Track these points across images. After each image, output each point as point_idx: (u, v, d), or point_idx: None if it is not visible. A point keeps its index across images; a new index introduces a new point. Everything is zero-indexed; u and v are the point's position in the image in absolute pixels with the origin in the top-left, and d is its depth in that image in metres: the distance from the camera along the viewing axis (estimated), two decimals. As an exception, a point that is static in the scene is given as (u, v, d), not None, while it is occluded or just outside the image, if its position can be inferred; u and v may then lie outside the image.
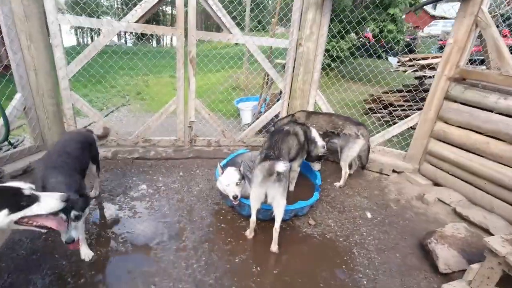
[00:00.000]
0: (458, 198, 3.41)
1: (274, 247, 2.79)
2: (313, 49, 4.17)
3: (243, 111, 5.91)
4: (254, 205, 2.82)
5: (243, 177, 3.13)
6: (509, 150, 2.96)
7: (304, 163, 3.65)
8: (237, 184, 3.03)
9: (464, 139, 3.39)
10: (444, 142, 3.66)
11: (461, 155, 3.42)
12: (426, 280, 2.57)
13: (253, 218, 2.87)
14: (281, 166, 2.38)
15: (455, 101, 3.50)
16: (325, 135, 3.78)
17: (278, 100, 4.64)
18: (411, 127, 4.06)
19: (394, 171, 4.16)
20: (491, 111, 3.14)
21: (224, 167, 3.68)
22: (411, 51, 13.50)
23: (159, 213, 3.20)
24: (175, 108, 4.22)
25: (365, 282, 2.55)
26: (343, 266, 2.72)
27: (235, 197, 2.93)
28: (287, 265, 2.68)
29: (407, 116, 5.82)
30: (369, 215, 3.44)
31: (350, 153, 3.74)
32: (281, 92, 4.61)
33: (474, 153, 3.30)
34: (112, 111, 7.01)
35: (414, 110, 5.37)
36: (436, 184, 3.80)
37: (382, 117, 6.40)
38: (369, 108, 6.98)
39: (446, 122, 3.62)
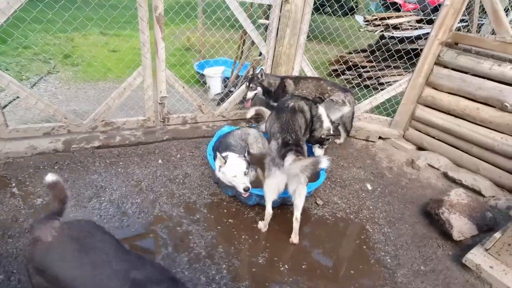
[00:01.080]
0: (445, 162, 3.60)
1: (295, 239, 2.56)
2: (301, 6, 3.65)
3: (211, 78, 5.18)
4: (270, 196, 2.48)
5: (249, 163, 2.72)
6: (500, 116, 3.12)
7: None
8: (245, 174, 2.62)
9: (453, 105, 3.47)
10: (432, 108, 3.72)
11: (450, 121, 3.53)
12: (441, 249, 2.68)
13: (269, 211, 2.55)
14: (326, 163, 2.03)
15: (446, 67, 3.51)
16: (313, 102, 3.52)
17: (260, 66, 4.11)
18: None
19: (380, 137, 4.19)
20: (483, 77, 3.21)
21: (214, 151, 3.20)
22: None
23: (151, 216, 2.64)
24: (141, 82, 3.39)
25: (389, 260, 2.55)
26: (364, 247, 2.66)
27: (246, 190, 2.54)
28: (312, 255, 2.51)
29: (370, 78, 5.92)
30: (369, 187, 3.43)
31: (332, 117, 3.57)
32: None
33: (463, 118, 3.43)
34: (37, 82, 5.51)
35: (377, 71, 5.41)
36: (421, 148, 3.95)
37: (346, 79, 6.36)
38: (333, 70, 6.88)
39: (435, 88, 3.65)
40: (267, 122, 2.97)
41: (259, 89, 3.68)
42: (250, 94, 3.72)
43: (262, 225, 2.65)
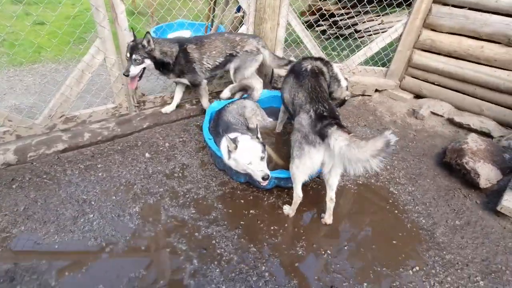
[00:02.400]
0: (448, 108, 3.50)
1: (329, 219, 2.30)
2: None
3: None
4: (302, 178, 2.15)
5: (264, 145, 2.31)
6: (505, 52, 2.99)
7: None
8: (262, 159, 2.22)
9: (455, 45, 3.28)
10: (430, 52, 3.51)
11: (451, 64, 3.37)
12: (468, 199, 2.62)
13: (300, 194, 2.23)
14: (394, 138, 1.66)
15: (446, 4, 3.23)
16: (225, 61, 3.10)
17: (241, 25, 3.48)
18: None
19: (376, 90, 3.96)
20: (487, 12, 3.00)
21: (212, 133, 2.71)
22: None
23: (160, 226, 2.18)
24: (103, 60, 2.65)
25: (423, 221, 2.43)
26: (395, 211, 2.50)
27: (266, 178, 2.16)
28: (349, 233, 2.29)
29: (349, 27, 5.54)
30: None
31: (247, 71, 3.19)
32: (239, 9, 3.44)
33: (465, 60, 3.27)
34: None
35: (355, 18, 5.04)
36: (419, 96, 3.81)
37: (323, 31, 5.92)
38: (306, 21, 6.34)
39: (434, 30, 3.40)
40: (285, 92, 2.50)
41: (148, 61, 2.71)
42: (135, 70, 2.66)
43: (290, 210, 2.34)
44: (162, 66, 2.85)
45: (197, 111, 3.41)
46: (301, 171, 2.08)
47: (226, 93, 3.19)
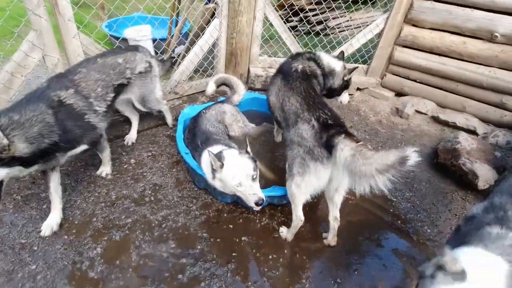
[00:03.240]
0: (432, 106, 3.42)
1: (333, 241, 2.01)
2: None
3: (138, 43, 3.84)
4: (303, 198, 1.82)
5: (255, 161, 1.94)
6: (488, 48, 2.95)
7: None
8: (254, 179, 1.85)
9: (437, 42, 3.18)
10: (412, 48, 3.39)
11: (433, 60, 3.27)
12: (467, 201, 2.50)
13: (301, 217, 1.89)
14: (416, 157, 1.35)
15: (428, -1, 3.12)
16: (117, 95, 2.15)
17: (213, 18, 3.05)
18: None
19: (358, 88, 3.78)
20: (470, 7, 2.93)
21: (192, 146, 2.27)
22: None
23: (129, 272, 1.70)
24: (40, 59, 2.06)
25: (429, 231, 2.25)
26: (398, 221, 2.30)
27: (260, 203, 1.79)
28: (356, 255, 2.02)
29: (320, 22, 5.37)
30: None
31: (157, 94, 2.54)
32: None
33: (448, 56, 3.20)
34: None
35: (327, 12, 4.87)
36: (401, 94, 3.70)
37: (293, 27, 5.68)
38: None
39: (415, 26, 3.28)
40: (271, 95, 2.15)
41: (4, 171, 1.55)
42: None
43: (289, 234, 2.00)
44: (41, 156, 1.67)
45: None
46: (303, 191, 1.75)
47: (211, 86, 2.77)
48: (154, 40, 3.96)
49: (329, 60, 2.31)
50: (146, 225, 1.97)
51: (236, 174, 1.81)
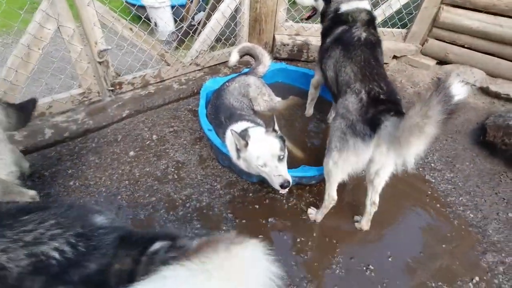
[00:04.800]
0: (481, 75, 3.02)
1: (366, 225, 1.87)
2: None
3: (156, 10, 3.65)
4: (339, 177, 1.67)
5: (284, 140, 1.79)
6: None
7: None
8: (280, 159, 1.71)
9: (495, -1, 2.73)
10: (462, 7, 2.94)
11: (488, 21, 2.83)
12: (517, 184, 2.25)
13: (334, 196, 1.76)
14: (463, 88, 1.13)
15: None
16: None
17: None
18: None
19: (394, 57, 3.41)
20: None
21: (215, 122, 2.14)
22: None
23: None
24: (55, 30, 1.95)
25: (471, 216, 2.05)
26: (437, 205, 2.10)
27: (285, 186, 1.66)
28: (389, 240, 1.88)
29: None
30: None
31: None
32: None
33: (506, 15, 2.74)
34: None
35: None
36: (444, 62, 3.30)
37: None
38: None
39: (469, -21, 2.81)
40: (329, 69, 1.89)
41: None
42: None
43: (319, 215, 1.88)
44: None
45: (188, 92, 2.79)
46: (340, 169, 1.59)
47: (234, 56, 2.61)
48: (172, 7, 3.74)
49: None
50: (170, 203, 1.93)
51: (262, 154, 1.68)
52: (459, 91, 1.13)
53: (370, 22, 1.89)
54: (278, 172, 1.68)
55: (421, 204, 2.11)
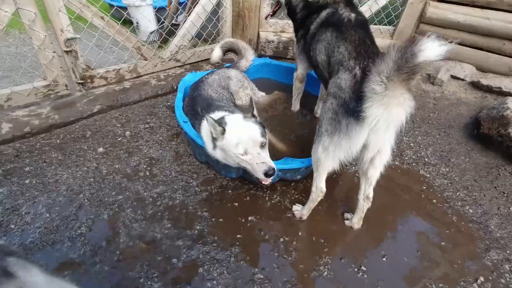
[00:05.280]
0: (470, 70, 2.95)
1: (358, 224, 1.69)
2: None
3: (137, 9, 3.54)
4: (329, 166, 1.48)
5: (263, 126, 1.63)
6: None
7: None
8: (262, 146, 1.55)
9: (481, -9, 2.68)
10: (448, 2, 2.90)
11: (475, 15, 2.78)
12: (515, 177, 2.11)
13: (323, 188, 1.58)
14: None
15: None
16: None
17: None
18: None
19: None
20: None
21: (191, 114, 1.97)
22: None
23: (116, 256, 1.46)
24: (13, 13, 1.79)
25: (471, 211, 1.88)
26: (434, 200, 1.94)
27: (271, 173, 1.49)
28: (382, 240, 1.70)
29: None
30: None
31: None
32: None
33: (493, 8, 2.70)
34: None
35: None
36: (433, 59, 3.23)
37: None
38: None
39: (454, -27, 2.78)
40: (319, 53, 1.73)
41: None
42: None
43: (304, 211, 1.70)
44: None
45: (167, 89, 2.63)
46: (331, 155, 1.42)
47: (216, 52, 2.50)
48: (155, 8, 3.64)
49: None
50: (138, 202, 1.72)
51: (241, 140, 1.51)
52: (430, 49, 1.00)
53: (349, 1, 1.79)
54: (261, 159, 1.51)
55: (416, 199, 1.94)
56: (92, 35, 2.34)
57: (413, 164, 2.21)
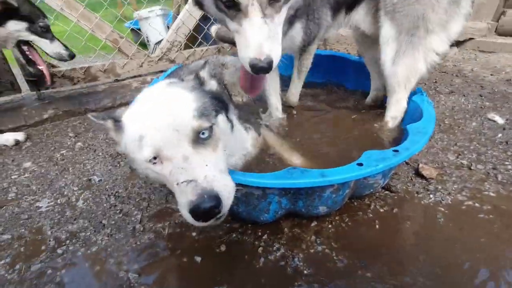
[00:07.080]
0: None
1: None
2: None
3: (146, 20, 3.21)
4: None
5: (218, 96, 0.82)
6: None
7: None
8: (201, 140, 0.72)
9: None
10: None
11: None
12: None
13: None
14: None
15: None
16: None
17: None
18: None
19: (457, 43, 2.38)
20: None
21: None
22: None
23: None
24: None
25: None
26: None
27: (203, 208, 0.66)
28: None
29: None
30: (498, 118, 1.62)
31: None
32: None
33: None
34: None
35: None
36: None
37: None
38: None
39: None
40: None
41: None
42: None
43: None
44: None
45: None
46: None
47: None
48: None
49: None
50: (30, 247, 0.98)
51: (146, 131, 0.71)
52: None
53: None
54: (187, 175, 0.68)
55: None
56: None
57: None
